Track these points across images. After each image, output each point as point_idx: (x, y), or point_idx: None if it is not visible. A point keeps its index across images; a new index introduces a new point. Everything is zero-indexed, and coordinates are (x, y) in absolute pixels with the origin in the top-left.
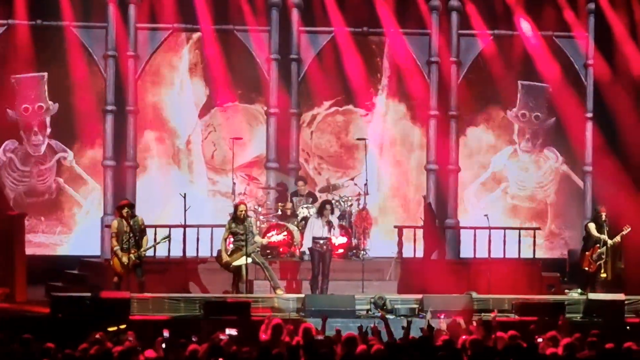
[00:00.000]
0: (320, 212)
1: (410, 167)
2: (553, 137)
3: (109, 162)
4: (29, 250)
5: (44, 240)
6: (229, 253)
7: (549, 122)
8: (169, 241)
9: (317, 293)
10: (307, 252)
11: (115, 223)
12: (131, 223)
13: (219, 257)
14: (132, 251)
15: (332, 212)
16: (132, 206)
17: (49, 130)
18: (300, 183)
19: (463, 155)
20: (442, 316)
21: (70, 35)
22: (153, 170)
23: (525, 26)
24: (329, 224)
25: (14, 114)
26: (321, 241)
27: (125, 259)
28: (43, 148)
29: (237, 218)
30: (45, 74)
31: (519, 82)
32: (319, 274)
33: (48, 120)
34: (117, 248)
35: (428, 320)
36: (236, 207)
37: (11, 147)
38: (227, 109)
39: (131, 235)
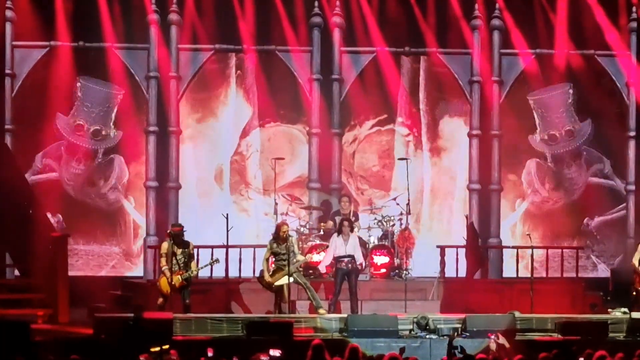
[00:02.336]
0: (339, 230)
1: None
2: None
3: (152, 182)
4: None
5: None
6: (270, 273)
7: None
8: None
9: (331, 312)
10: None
11: (165, 244)
12: (181, 247)
13: (261, 277)
14: (180, 272)
15: (352, 230)
16: (183, 231)
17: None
18: (345, 199)
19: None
20: (492, 336)
21: (112, 56)
22: (195, 190)
23: None
24: (356, 241)
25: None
26: (345, 259)
27: (173, 279)
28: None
29: (279, 238)
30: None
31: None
32: (339, 293)
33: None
34: (165, 268)
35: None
36: (278, 227)
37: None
38: (269, 129)
39: (180, 258)
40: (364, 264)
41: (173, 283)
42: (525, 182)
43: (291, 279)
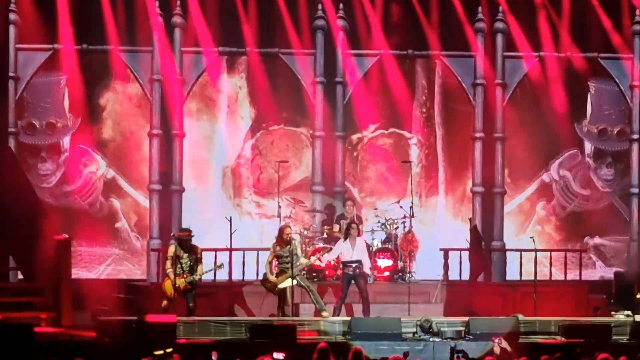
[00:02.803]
0: (346, 234)
1: (457, 190)
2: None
3: (155, 185)
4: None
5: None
6: (274, 276)
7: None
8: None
9: (337, 315)
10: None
11: (171, 248)
12: (187, 252)
13: (264, 280)
14: (185, 276)
15: (359, 234)
16: (191, 236)
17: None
18: (349, 203)
19: None
20: (496, 340)
21: (116, 59)
22: (199, 193)
23: None
24: (363, 245)
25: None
26: (353, 264)
27: (177, 282)
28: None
29: (282, 241)
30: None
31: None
32: (345, 297)
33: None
34: (170, 270)
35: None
36: (281, 230)
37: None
38: (272, 132)
39: (186, 262)
40: (370, 273)
41: (177, 286)
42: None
43: (294, 282)
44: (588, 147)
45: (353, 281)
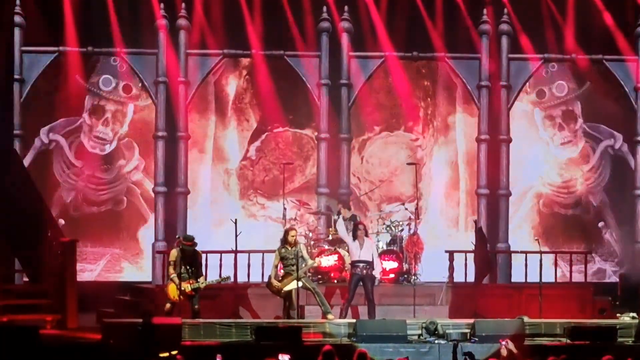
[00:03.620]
0: (354, 235)
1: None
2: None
3: (160, 188)
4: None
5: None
6: (279, 278)
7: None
8: (221, 268)
9: (343, 317)
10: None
11: (174, 252)
12: (189, 259)
13: (269, 283)
14: (190, 282)
15: (366, 234)
16: (194, 244)
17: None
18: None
19: None
20: (503, 342)
21: (121, 61)
22: (204, 196)
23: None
24: (372, 246)
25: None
26: (361, 265)
27: (183, 285)
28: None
29: (288, 243)
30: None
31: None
32: (352, 298)
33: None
34: (173, 275)
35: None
36: (287, 232)
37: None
38: (277, 135)
39: (189, 267)
40: (376, 276)
41: (184, 289)
42: None
43: (300, 284)
44: None
45: (361, 282)
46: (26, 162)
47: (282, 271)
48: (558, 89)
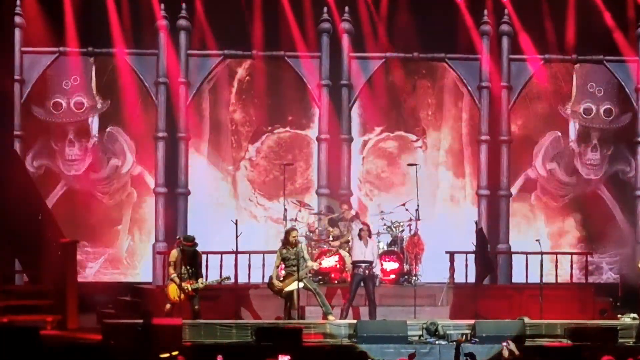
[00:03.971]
0: (359, 235)
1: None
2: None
3: (161, 188)
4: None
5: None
6: (280, 279)
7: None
8: (222, 268)
9: (344, 318)
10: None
11: (175, 252)
12: (189, 260)
13: (270, 284)
14: (190, 282)
15: (370, 235)
16: (195, 245)
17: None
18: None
19: None
20: (505, 343)
21: (121, 62)
22: (204, 196)
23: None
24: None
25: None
26: (363, 265)
27: (184, 285)
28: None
29: (289, 244)
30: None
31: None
32: (353, 299)
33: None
34: (174, 275)
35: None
36: (288, 233)
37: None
38: (278, 135)
39: (189, 267)
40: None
41: (184, 287)
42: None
43: (301, 284)
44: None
45: (362, 283)
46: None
47: (283, 272)
48: (605, 112)
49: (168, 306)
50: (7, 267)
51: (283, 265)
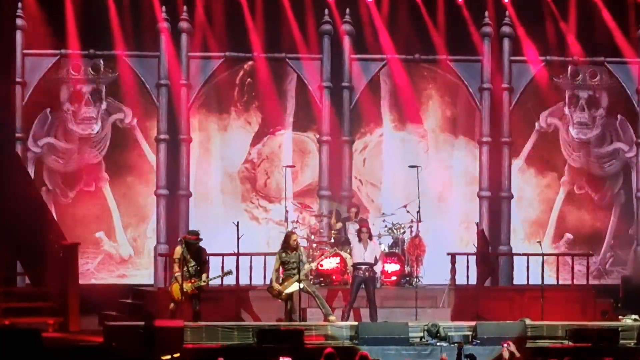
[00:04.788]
0: (358, 237)
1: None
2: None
3: (162, 191)
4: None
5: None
6: (280, 281)
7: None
8: (223, 271)
9: (345, 320)
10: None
11: (178, 249)
12: (193, 255)
13: (270, 287)
14: (193, 280)
15: (370, 237)
16: (199, 239)
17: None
18: (353, 210)
19: None
20: (505, 345)
21: (122, 64)
22: (206, 198)
23: None
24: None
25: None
26: (363, 267)
27: (185, 286)
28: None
29: (289, 247)
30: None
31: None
32: (354, 301)
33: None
34: (178, 274)
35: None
36: (288, 236)
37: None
38: (279, 137)
39: (192, 265)
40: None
41: (185, 290)
42: None
43: (301, 285)
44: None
45: (363, 285)
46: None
47: (282, 275)
48: (591, 75)
49: (172, 305)
50: (9, 269)
51: (283, 269)
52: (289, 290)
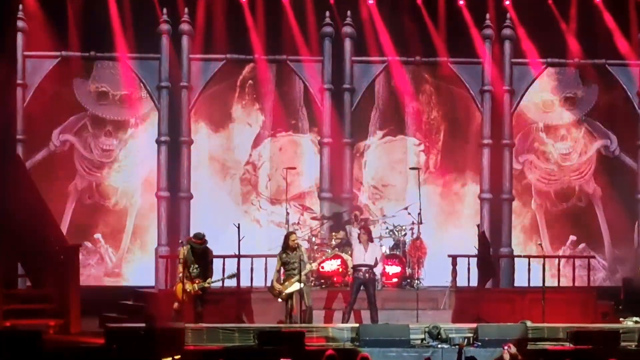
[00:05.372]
0: (358, 239)
1: (465, 196)
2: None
3: (163, 192)
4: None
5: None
6: (281, 282)
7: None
8: (224, 272)
9: (346, 322)
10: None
11: (184, 250)
12: (198, 256)
13: (271, 287)
14: (197, 281)
15: (370, 239)
16: (204, 241)
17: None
18: (356, 213)
19: None
20: (506, 347)
21: (124, 66)
22: (207, 200)
23: None
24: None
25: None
26: (363, 269)
27: (188, 287)
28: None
29: (289, 247)
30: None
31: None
32: (354, 302)
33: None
34: (181, 275)
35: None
36: (287, 237)
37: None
38: (280, 139)
39: (197, 266)
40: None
41: (189, 290)
42: None
43: (302, 285)
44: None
45: (363, 287)
46: (33, 163)
47: (283, 276)
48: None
49: (176, 305)
50: (10, 271)
51: (284, 270)
52: (289, 290)
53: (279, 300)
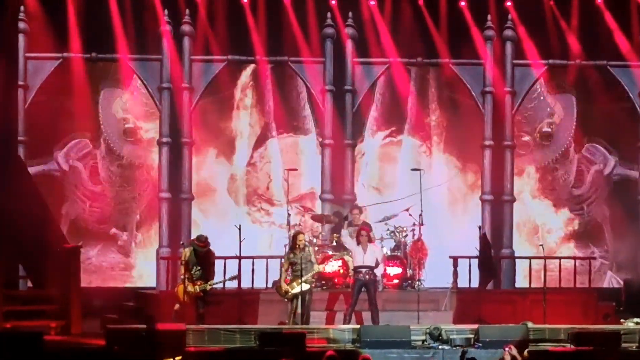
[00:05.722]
0: (357, 241)
1: (466, 197)
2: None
3: (165, 194)
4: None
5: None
6: (287, 282)
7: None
8: (225, 274)
9: (347, 323)
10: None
11: (187, 252)
12: (201, 258)
13: (278, 287)
14: (198, 283)
15: (370, 240)
16: (207, 244)
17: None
18: (356, 212)
19: None
20: (507, 348)
21: (125, 67)
22: (208, 201)
23: None
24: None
25: None
26: (363, 270)
27: (190, 289)
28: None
29: (296, 248)
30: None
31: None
32: (355, 304)
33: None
34: (183, 277)
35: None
36: (295, 237)
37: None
38: (282, 141)
39: (199, 267)
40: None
41: (190, 292)
42: None
43: (306, 287)
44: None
45: (364, 288)
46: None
47: (290, 275)
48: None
49: (177, 306)
50: (11, 272)
51: (291, 270)
52: (295, 290)
53: (285, 300)
